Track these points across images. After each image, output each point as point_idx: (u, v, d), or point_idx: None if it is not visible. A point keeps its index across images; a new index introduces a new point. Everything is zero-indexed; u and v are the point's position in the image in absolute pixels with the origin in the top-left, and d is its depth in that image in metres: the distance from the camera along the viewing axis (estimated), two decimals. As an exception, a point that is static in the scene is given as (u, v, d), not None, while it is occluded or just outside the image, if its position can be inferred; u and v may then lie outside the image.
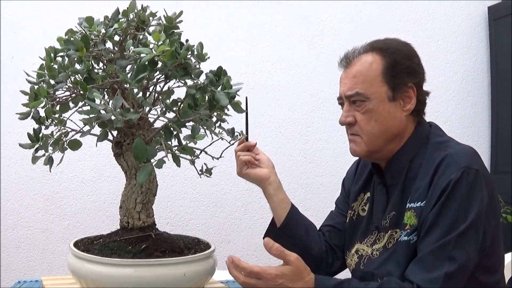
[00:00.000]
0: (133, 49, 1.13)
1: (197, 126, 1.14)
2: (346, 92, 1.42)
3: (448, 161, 1.31)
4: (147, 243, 1.23)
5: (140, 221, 1.28)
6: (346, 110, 1.44)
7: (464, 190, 1.27)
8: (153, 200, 1.31)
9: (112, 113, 1.06)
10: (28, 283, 1.52)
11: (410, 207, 1.35)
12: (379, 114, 1.39)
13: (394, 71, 1.39)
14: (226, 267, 1.28)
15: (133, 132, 1.24)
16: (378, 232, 1.44)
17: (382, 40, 1.46)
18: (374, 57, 1.41)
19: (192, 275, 1.19)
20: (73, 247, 1.26)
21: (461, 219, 1.26)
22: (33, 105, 1.15)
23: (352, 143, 1.45)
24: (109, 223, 2.86)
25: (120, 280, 1.15)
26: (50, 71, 1.15)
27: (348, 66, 1.44)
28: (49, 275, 1.57)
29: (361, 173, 1.60)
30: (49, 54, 1.17)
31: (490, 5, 3.34)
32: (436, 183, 1.30)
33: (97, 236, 1.36)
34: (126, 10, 1.22)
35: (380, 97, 1.39)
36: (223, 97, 1.12)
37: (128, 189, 1.29)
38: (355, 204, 1.58)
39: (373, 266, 1.41)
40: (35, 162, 1.19)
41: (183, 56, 1.09)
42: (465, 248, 1.25)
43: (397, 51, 1.41)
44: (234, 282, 1.58)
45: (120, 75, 1.09)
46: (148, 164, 1.12)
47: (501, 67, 3.27)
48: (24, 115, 1.18)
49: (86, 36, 1.14)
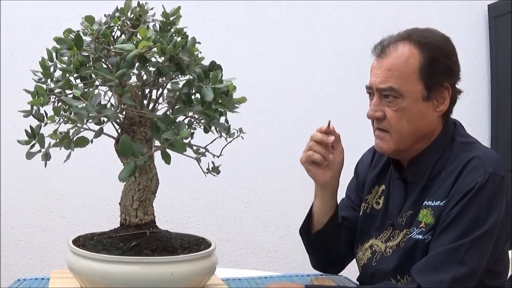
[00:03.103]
0: (116, 46, 1.12)
1: (183, 122, 1.11)
2: (379, 84, 1.34)
3: (475, 163, 1.28)
4: (139, 240, 1.22)
5: (137, 219, 1.27)
6: (375, 104, 1.36)
7: (488, 196, 1.24)
8: (151, 198, 1.30)
9: (86, 109, 1.05)
10: (28, 281, 1.52)
11: (427, 205, 1.32)
12: (411, 113, 1.33)
13: (431, 70, 1.32)
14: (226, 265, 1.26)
15: (134, 130, 1.24)
16: (393, 229, 1.40)
17: (421, 30, 1.37)
18: (412, 51, 1.32)
19: (181, 275, 1.17)
20: (71, 242, 1.26)
21: (479, 224, 1.23)
22: (32, 103, 1.16)
23: (379, 140, 1.38)
24: (108, 221, 2.84)
25: (107, 276, 1.15)
26: (44, 70, 1.16)
27: (382, 55, 1.35)
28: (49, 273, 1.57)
29: (377, 163, 1.54)
30: (50, 54, 1.17)
31: (490, 3, 3.33)
32: (461, 183, 1.27)
33: (98, 232, 1.35)
34: (123, 8, 1.21)
35: (414, 96, 1.33)
36: (209, 92, 1.10)
37: (126, 186, 1.29)
38: (369, 197, 1.53)
39: (385, 264, 1.38)
40: (29, 158, 1.19)
41: (169, 51, 1.08)
42: (478, 254, 1.23)
43: (437, 47, 1.34)
44: (234, 280, 1.58)
45: (101, 72, 1.09)
46: (131, 162, 1.11)
47: (501, 66, 3.26)
48: (27, 113, 1.18)
49: (78, 35, 1.14)
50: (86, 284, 1.22)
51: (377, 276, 1.38)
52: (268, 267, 3.11)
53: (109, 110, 1.09)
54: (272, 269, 3.07)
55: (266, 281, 1.60)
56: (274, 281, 1.57)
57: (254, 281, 1.60)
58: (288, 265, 3.12)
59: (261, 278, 1.64)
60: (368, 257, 1.45)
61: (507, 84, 3.19)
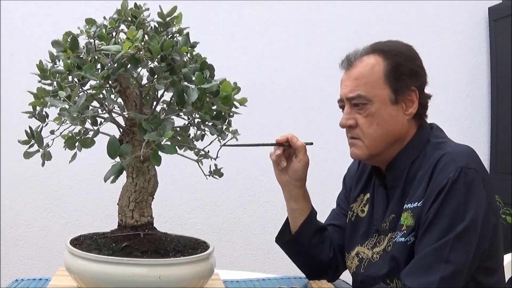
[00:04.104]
0: (102, 47, 1.12)
1: (169, 123, 1.10)
2: (348, 94, 1.40)
3: (446, 160, 1.30)
4: (131, 242, 1.22)
5: (132, 220, 1.27)
6: (347, 113, 1.41)
7: (462, 190, 1.25)
8: (149, 199, 1.29)
9: (67, 110, 1.06)
10: (26, 281, 1.51)
11: (407, 208, 1.34)
12: (381, 117, 1.38)
13: (396, 74, 1.38)
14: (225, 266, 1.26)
15: (134, 131, 1.24)
16: (378, 235, 1.43)
17: (383, 42, 1.44)
18: (376, 59, 1.39)
19: (168, 279, 1.15)
20: (68, 241, 1.26)
21: (459, 219, 1.24)
22: (32, 104, 1.17)
23: (353, 147, 1.43)
24: (107, 222, 2.85)
25: (97, 276, 1.16)
26: (42, 72, 1.16)
27: (349, 67, 1.42)
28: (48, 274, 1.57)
29: (362, 173, 1.58)
30: (52, 56, 1.18)
31: (490, 6, 3.33)
32: (434, 182, 1.29)
33: (100, 232, 1.35)
34: (120, 9, 1.21)
35: (382, 100, 1.37)
36: (193, 92, 1.10)
37: (124, 187, 1.29)
38: (355, 205, 1.57)
39: (373, 269, 1.40)
40: (27, 157, 1.20)
41: (156, 52, 1.08)
42: (462, 250, 1.23)
43: (399, 53, 1.40)
44: (232, 282, 1.58)
45: (87, 74, 1.09)
46: (117, 163, 1.11)
47: (501, 68, 3.27)
48: (30, 114, 1.19)
49: (74, 37, 1.14)
50: (80, 283, 1.22)
51: (368, 282, 1.40)
52: (266, 269, 3.11)
53: (91, 111, 1.10)
54: (270, 271, 3.07)
55: (264, 283, 1.60)
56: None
57: (252, 283, 1.60)
58: (287, 267, 3.11)
59: (259, 280, 1.64)
60: (356, 264, 1.48)
61: (507, 86, 3.19)
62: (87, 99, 1.10)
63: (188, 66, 1.14)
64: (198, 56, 1.22)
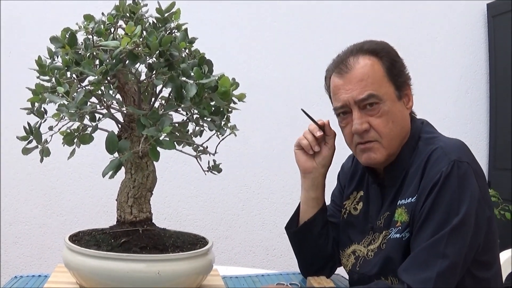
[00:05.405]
0: (101, 43, 1.12)
1: (167, 118, 1.10)
2: (357, 96, 1.35)
3: (438, 154, 1.29)
4: (129, 237, 1.22)
5: (131, 216, 1.27)
6: (358, 117, 1.36)
7: (455, 183, 1.25)
8: (147, 195, 1.29)
9: (65, 106, 1.06)
10: (25, 278, 1.51)
11: (401, 204, 1.33)
12: (394, 115, 1.36)
13: (395, 70, 1.38)
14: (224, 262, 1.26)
15: (133, 127, 1.24)
16: (373, 233, 1.42)
17: (368, 42, 1.42)
18: (371, 59, 1.37)
19: (167, 274, 1.16)
20: (67, 237, 1.27)
21: (454, 213, 1.24)
22: (31, 100, 1.17)
23: (368, 151, 1.38)
24: (106, 218, 2.85)
25: (95, 272, 1.16)
26: (41, 68, 1.16)
27: (346, 70, 1.38)
28: (47, 271, 1.57)
29: (356, 170, 1.58)
30: (51, 52, 1.18)
31: (489, 2, 3.33)
32: (427, 177, 1.28)
33: (98, 229, 1.35)
34: (118, 5, 1.21)
35: (390, 97, 1.36)
36: (192, 87, 1.10)
37: (122, 183, 1.29)
38: (347, 203, 1.56)
39: (368, 267, 1.39)
40: (25, 153, 1.20)
41: (154, 47, 1.07)
42: (458, 243, 1.23)
43: (388, 51, 1.39)
44: (231, 278, 1.58)
45: (85, 69, 1.09)
46: (115, 158, 1.11)
47: (500, 64, 3.27)
48: (29, 110, 1.19)
49: (72, 33, 1.14)
50: (79, 279, 1.23)
51: (363, 280, 1.39)
52: (265, 265, 3.11)
53: (89, 107, 1.10)
54: (269, 267, 3.07)
55: (264, 279, 1.61)
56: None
57: (251, 279, 1.60)
58: (286, 263, 3.12)
59: (258, 276, 1.64)
60: (352, 262, 1.47)
61: (506, 83, 3.19)
62: (86, 95, 1.10)
63: (187, 62, 1.14)
64: (196, 51, 1.22)
